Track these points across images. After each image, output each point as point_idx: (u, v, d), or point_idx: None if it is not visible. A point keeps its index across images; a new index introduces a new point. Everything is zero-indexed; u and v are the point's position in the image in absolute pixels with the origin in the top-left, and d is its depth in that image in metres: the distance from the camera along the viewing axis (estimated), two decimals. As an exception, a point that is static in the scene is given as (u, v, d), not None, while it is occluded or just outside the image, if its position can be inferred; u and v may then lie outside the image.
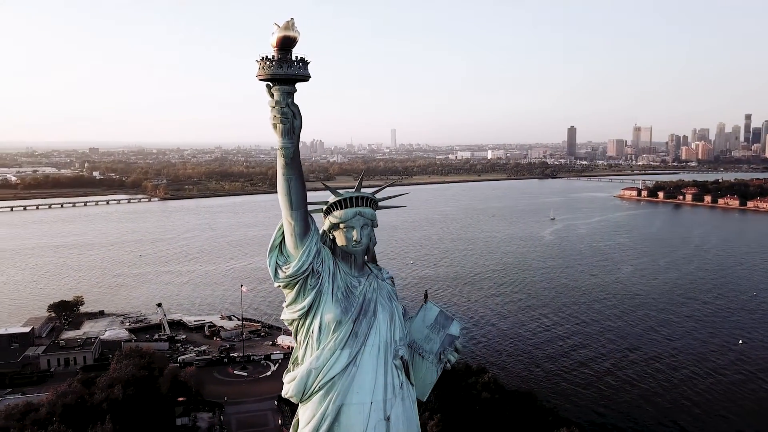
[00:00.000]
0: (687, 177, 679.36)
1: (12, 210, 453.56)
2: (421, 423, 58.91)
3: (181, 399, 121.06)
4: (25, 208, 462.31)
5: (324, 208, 16.21)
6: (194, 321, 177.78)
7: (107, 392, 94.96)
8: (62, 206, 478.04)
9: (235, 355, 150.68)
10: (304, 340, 15.53)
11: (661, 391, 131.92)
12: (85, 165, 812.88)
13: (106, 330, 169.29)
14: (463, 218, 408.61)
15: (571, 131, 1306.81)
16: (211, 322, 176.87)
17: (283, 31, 13.56)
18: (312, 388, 15.15)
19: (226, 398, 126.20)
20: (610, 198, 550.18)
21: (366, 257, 16.71)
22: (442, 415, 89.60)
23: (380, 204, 16.87)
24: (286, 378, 15.75)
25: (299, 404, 15.67)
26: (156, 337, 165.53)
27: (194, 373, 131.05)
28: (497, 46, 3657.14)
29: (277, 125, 13.78)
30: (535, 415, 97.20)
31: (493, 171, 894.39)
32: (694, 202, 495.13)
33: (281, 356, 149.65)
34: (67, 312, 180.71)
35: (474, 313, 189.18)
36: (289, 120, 13.82)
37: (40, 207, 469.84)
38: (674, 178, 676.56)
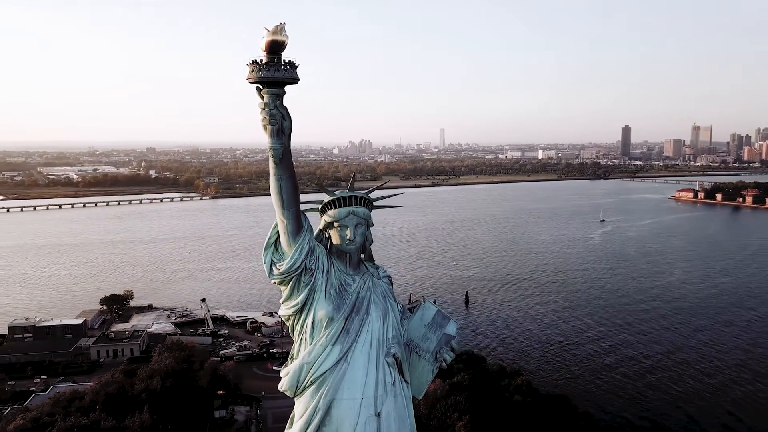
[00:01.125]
0: (748, 178, 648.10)
1: (73, 207, 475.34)
2: (450, 424, 58.84)
3: (220, 392, 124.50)
4: (84, 205, 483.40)
5: (320, 207, 16.50)
6: (237, 317, 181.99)
7: (147, 383, 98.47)
8: (119, 204, 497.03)
9: (275, 350, 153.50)
10: (298, 336, 15.86)
11: (698, 400, 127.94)
12: (142, 164, 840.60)
13: (153, 323, 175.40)
14: (510, 219, 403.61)
15: (626, 131, 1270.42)
16: (253, 318, 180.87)
17: (272, 35, 13.84)
18: (304, 383, 15.45)
19: (263, 393, 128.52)
20: (664, 200, 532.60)
21: (363, 256, 16.87)
22: (472, 416, 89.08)
23: (375, 204, 17.03)
24: (282, 372, 16.11)
25: (294, 398, 16.03)
26: (200, 331, 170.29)
27: (233, 368, 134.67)
28: (553, 47, 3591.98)
29: (267, 126, 14.10)
30: (568, 419, 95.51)
31: (544, 171, 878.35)
32: (755, 205, 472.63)
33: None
34: (118, 305, 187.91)
35: (512, 315, 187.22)
36: (278, 121, 14.09)
37: (98, 204, 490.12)
38: (734, 179, 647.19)
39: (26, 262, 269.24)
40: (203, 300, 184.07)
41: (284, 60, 14.06)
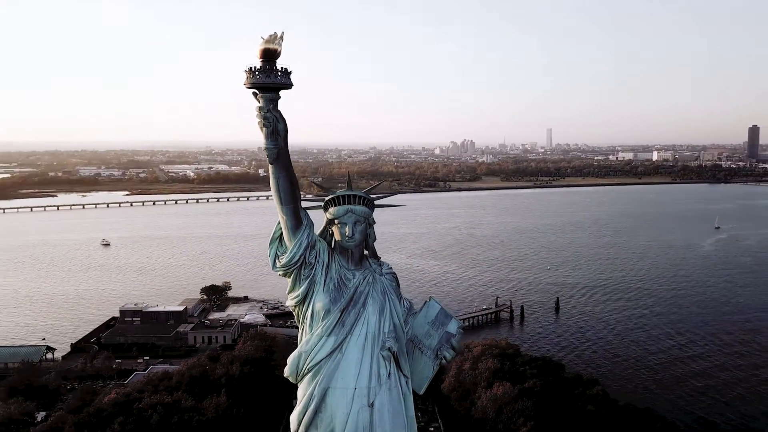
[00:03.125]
0: None
1: (187, 202, 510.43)
2: (513, 429, 58.75)
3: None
4: (197, 201, 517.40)
5: (323, 205, 17.26)
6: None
7: (227, 368, 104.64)
8: (228, 200, 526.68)
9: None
10: (301, 326, 16.79)
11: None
12: (253, 163, 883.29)
13: (246, 314, 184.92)
14: (613, 224, 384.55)
15: (753, 131, 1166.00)
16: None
17: (265, 44, 14.70)
18: (302, 370, 16.30)
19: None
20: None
21: (367, 252, 17.53)
22: (538, 423, 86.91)
23: (376, 203, 17.64)
24: (288, 359, 17.00)
25: (297, 384, 16.82)
26: (288, 323, 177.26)
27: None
28: (675, 44, 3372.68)
29: (262, 129, 15.05)
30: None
31: (656, 174, 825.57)
32: None
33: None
34: (217, 295, 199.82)
35: (602, 324, 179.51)
36: (271, 124, 14.92)
37: (210, 200, 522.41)
38: None
39: (142, 252, 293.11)
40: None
41: (279, 67, 14.81)
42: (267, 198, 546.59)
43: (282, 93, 15.10)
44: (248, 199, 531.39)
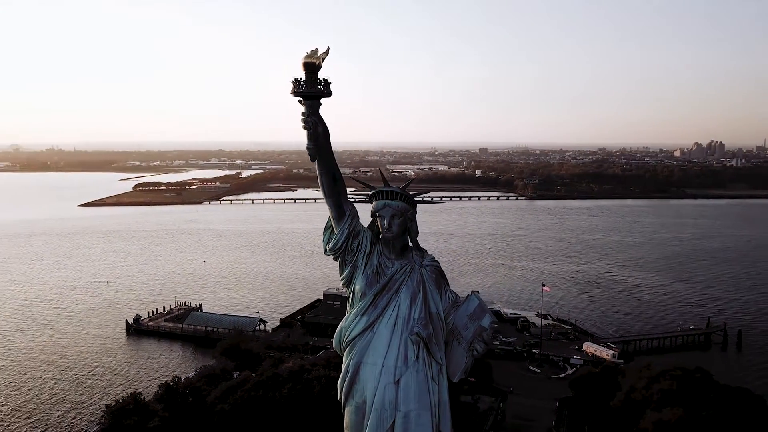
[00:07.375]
0: None
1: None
2: None
3: (471, 379, 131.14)
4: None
5: (368, 199, 19.32)
6: (510, 313, 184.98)
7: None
8: (441, 200, 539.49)
9: (535, 351, 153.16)
10: (348, 305, 19.40)
11: None
12: (471, 164, 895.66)
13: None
14: None
15: None
16: (525, 317, 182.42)
17: (306, 58, 17.30)
18: (343, 344, 18.77)
19: (512, 388, 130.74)
20: None
21: (412, 245, 19.20)
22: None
23: (416, 199, 19.20)
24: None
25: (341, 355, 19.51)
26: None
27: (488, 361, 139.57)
28: None
29: (305, 131, 17.80)
30: None
31: None
32: None
33: (581, 362, 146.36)
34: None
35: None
36: (311, 127, 17.40)
37: (424, 199, 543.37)
38: None
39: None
40: (477, 292, 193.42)
41: (320, 78, 17.37)
42: (479, 198, 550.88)
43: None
44: (460, 199, 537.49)
